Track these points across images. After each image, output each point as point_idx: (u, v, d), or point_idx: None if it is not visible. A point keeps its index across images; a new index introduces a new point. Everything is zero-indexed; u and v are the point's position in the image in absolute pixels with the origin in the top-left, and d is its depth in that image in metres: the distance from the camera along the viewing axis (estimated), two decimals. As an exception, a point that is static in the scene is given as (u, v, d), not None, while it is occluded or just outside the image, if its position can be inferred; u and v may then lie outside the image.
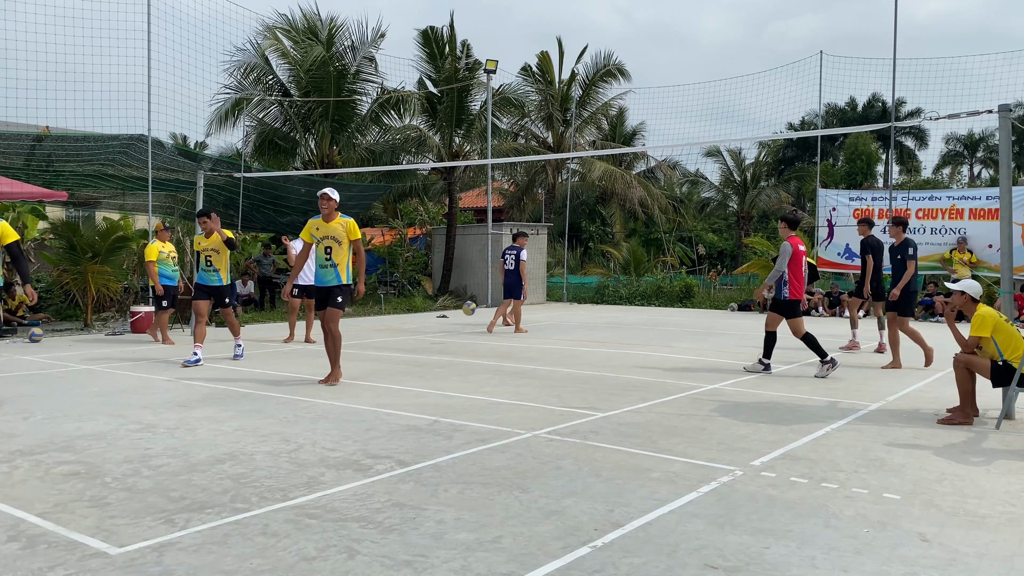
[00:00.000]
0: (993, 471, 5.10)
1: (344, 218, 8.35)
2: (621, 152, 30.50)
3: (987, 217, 19.02)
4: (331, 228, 8.27)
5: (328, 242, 8.25)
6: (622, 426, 6.30)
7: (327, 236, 8.25)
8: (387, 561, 3.53)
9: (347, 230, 8.29)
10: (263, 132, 20.75)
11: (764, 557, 3.61)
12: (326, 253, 8.26)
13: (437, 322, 16.81)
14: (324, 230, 8.27)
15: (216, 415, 6.69)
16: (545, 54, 27.39)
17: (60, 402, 7.27)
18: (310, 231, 8.35)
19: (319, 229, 8.31)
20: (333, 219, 8.29)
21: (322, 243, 8.26)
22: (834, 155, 43.15)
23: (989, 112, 7.78)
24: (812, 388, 8.25)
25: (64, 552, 3.61)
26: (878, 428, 6.33)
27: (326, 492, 4.52)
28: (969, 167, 45.73)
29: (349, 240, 8.31)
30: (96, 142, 14.87)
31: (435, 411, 6.87)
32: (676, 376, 9.01)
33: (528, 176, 29.36)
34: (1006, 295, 7.29)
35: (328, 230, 8.27)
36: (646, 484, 4.71)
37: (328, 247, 8.25)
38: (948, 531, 3.97)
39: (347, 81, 20.26)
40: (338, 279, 8.29)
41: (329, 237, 8.26)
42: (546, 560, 3.55)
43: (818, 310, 19.12)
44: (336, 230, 8.26)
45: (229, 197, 17.33)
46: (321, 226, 8.30)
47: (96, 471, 4.93)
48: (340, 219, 8.33)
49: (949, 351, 9.84)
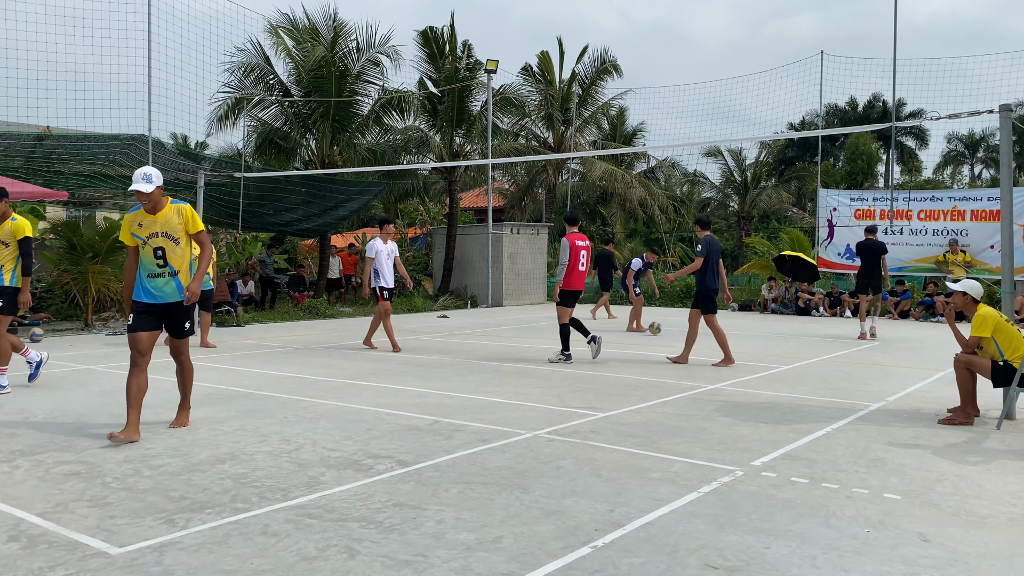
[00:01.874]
0: (993, 471, 5.10)
1: (177, 204, 6.03)
2: (621, 152, 30.47)
3: (988, 218, 19.01)
4: (160, 221, 5.92)
5: (159, 241, 5.90)
6: (622, 426, 6.30)
7: (156, 234, 5.90)
8: (387, 561, 3.53)
9: (184, 221, 5.98)
10: (264, 132, 20.75)
11: (764, 557, 3.61)
12: (157, 256, 5.90)
13: (438, 322, 16.81)
14: (150, 225, 5.91)
15: (216, 415, 6.69)
16: (545, 54, 27.39)
17: (60, 402, 7.27)
18: (129, 230, 5.98)
19: (142, 225, 5.92)
20: (162, 208, 5.93)
21: (149, 244, 5.91)
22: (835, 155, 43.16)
23: (990, 112, 7.78)
24: (812, 388, 8.25)
25: (64, 552, 3.61)
26: (878, 428, 6.33)
27: (326, 492, 4.52)
28: (970, 167, 45.74)
29: (188, 235, 6.04)
30: (96, 142, 14.87)
31: (435, 411, 6.87)
32: (676, 376, 9.01)
33: (528, 176, 29.36)
34: (1006, 295, 7.29)
35: (155, 225, 5.91)
36: (646, 484, 4.71)
37: (159, 248, 5.91)
38: (948, 531, 3.97)
39: (348, 82, 20.26)
40: (180, 294, 5.99)
41: (159, 235, 5.91)
42: (546, 560, 3.54)
43: (818, 310, 19.11)
44: (169, 223, 5.93)
45: (229, 197, 17.32)
46: (145, 220, 5.91)
47: (96, 471, 4.93)
48: (172, 206, 5.98)
49: (950, 351, 9.85)
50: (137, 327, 5.93)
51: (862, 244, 13.74)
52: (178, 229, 5.96)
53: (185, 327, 6.17)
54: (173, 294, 5.99)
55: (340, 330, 14.78)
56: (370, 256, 11.44)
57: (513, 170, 29.79)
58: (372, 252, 11.45)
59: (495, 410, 6.94)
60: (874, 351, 11.62)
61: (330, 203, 20.17)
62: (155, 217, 5.94)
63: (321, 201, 19.87)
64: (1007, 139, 7.38)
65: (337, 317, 18.06)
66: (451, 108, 22.23)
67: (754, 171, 33.87)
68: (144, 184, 5.80)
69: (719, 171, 34.56)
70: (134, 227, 5.97)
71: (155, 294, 5.95)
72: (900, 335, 14.18)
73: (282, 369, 9.48)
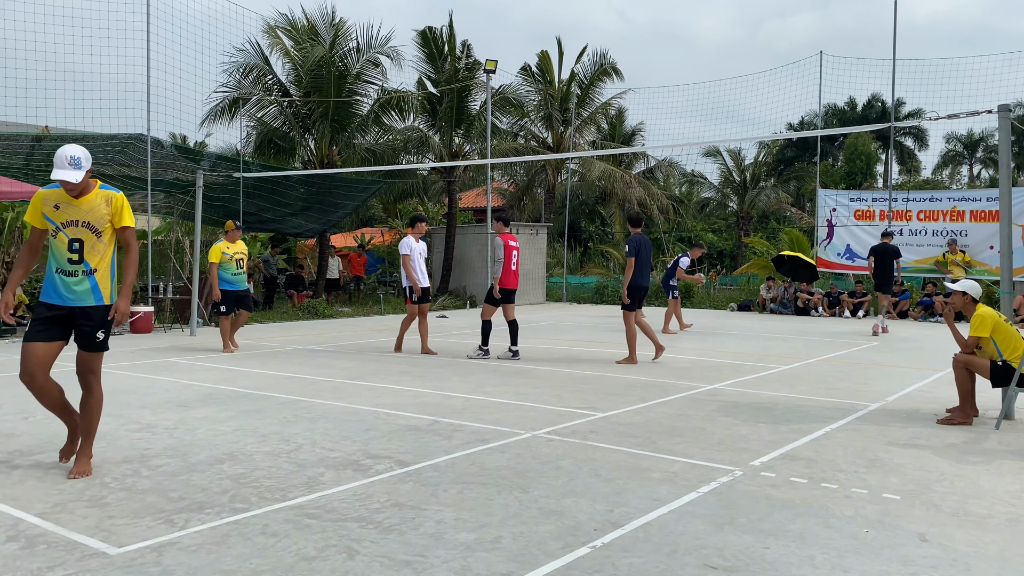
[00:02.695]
0: (993, 471, 5.10)
1: (108, 191, 4.93)
2: (620, 152, 30.49)
3: (988, 219, 19.03)
4: (84, 208, 4.83)
5: (77, 232, 4.82)
6: (622, 426, 6.30)
7: (75, 222, 4.82)
8: (386, 561, 3.52)
9: (113, 212, 4.89)
10: (263, 132, 20.75)
11: (763, 557, 3.61)
12: (72, 250, 4.82)
13: (437, 322, 16.80)
14: (69, 210, 4.82)
15: (215, 415, 6.69)
16: (545, 54, 27.40)
17: (59, 402, 7.26)
18: (40, 210, 4.86)
19: (59, 208, 4.83)
20: (88, 193, 4.87)
21: (65, 232, 4.82)
22: (834, 155, 43.20)
23: (989, 112, 7.78)
24: (811, 388, 8.25)
25: (63, 552, 3.61)
26: (878, 428, 6.33)
27: (325, 492, 4.52)
28: (969, 167, 45.78)
29: (114, 229, 4.94)
30: (95, 141, 14.87)
31: (435, 411, 6.87)
32: (676, 376, 9.01)
33: (528, 176, 29.37)
34: (1005, 295, 7.29)
35: (77, 211, 4.82)
36: (646, 484, 4.71)
37: (77, 240, 4.82)
38: (948, 531, 3.97)
39: (347, 82, 20.26)
40: (96, 296, 4.87)
41: (79, 224, 4.82)
42: (546, 560, 3.54)
43: (818, 310, 19.12)
44: (94, 212, 4.84)
45: (229, 197, 17.32)
46: (64, 203, 4.82)
47: (95, 471, 4.92)
48: (101, 193, 4.90)
49: (949, 351, 9.85)
50: (33, 335, 4.80)
51: (876, 247, 14.86)
52: (104, 220, 4.86)
53: (98, 338, 4.90)
54: (85, 296, 4.83)
55: (339, 330, 14.78)
56: (406, 253, 10.94)
57: (512, 170, 29.80)
58: (407, 249, 10.96)
59: (494, 410, 6.94)
60: (873, 351, 11.62)
61: (329, 203, 20.16)
62: (78, 202, 4.82)
63: (320, 201, 19.86)
64: (1006, 139, 7.38)
65: (336, 317, 18.06)
66: (450, 108, 22.24)
67: (753, 171, 33.88)
68: (71, 171, 4.68)
69: (718, 171, 34.62)
70: (47, 208, 4.84)
71: (64, 294, 4.80)
72: (899, 335, 14.19)
73: (281, 369, 9.48)
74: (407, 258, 10.92)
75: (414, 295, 11.03)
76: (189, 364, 9.86)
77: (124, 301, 4.90)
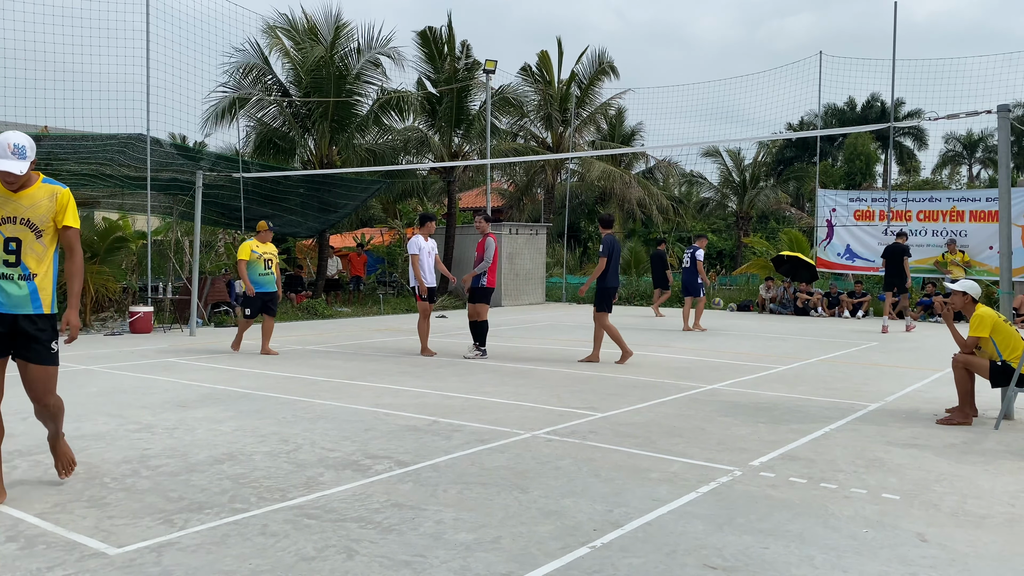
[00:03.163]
0: (992, 471, 5.10)
1: (52, 185, 4.40)
2: (620, 152, 30.49)
3: (987, 219, 19.03)
4: (24, 204, 4.29)
5: (14, 230, 4.28)
6: (621, 426, 6.30)
7: (12, 218, 4.28)
8: (386, 561, 3.52)
9: (58, 209, 4.36)
10: (262, 132, 20.74)
11: (763, 557, 3.61)
12: (8, 251, 4.27)
13: (437, 322, 16.80)
14: (7, 205, 4.28)
15: (215, 415, 6.69)
16: (544, 54, 27.39)
17: (59, 402, 7.26)
18: None
19: None
20: (30, 187, 4.32)
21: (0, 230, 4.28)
22: (833, 155, 43.18)
23: (988, 112, 7.79)
24: (811, 388, 8.25)
25: (63, 552, 3.61)
26: (877, 428, 6.33)
27: (325, 492, 4.52)
28: (968, 167, 45.80)
29: (56, 229, 4.41)
30: (95, 141, 14.86)
31: (434, 411, 6.87)
32: (675, 376, 9.01)
33: (527, 176, 29.37)
34: (1005, 295, 7.30)
35: (16, 207, 4.28)
36: (645, 484, 4.71)
37: (14, 240, 4.28)
38: (947, 531, 3.97)
39: (347, 82, 20.25)
40: (35, 303, 4.32)
41: (16, 220, 4.28)
42: (545, 560, 3.54)
43: (817, 310, 19.12)
44: (36, 208, 4.31)
45: (228, 196, 17.31)
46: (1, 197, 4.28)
47: (95, 471, 4.92)
48: (45, 187, 4.37)
49: (948, 351, 9.86)
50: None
51: (888, 246, 15.50)
52: (46, 219, 4.32)
53: (52, 349, 4.37)
54: (23, 302, 4.27)
55: (339, 330, 14.78)
56: (413, 253, 10.89)
57: (512, 170, 29.80)
58: (415, 249, 10.90)
59: (494, 410, 6.94)
60: (873, 351, 11.63)
61: (329, 203, 20.16)
62: (17, 196, 4.27)
63: (320, 201, 19.86)
64: (1005, 139, 7.39)
65: (336, 317, 18.06)
66: (450, 108, 22.23)
67: (752, 171, 33.88)
68: (14, 161, 4.14)
69: (717, 171, 34.60)
70: None
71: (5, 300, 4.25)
72: (899, 335, 14.20)
73: (280, 369, 9.47)
74: (416, 258, 10.91)
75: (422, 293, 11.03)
76: (188, 364, 9.86)
77: (74, 313, 4.44)
